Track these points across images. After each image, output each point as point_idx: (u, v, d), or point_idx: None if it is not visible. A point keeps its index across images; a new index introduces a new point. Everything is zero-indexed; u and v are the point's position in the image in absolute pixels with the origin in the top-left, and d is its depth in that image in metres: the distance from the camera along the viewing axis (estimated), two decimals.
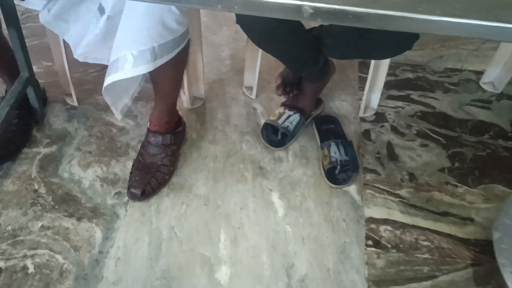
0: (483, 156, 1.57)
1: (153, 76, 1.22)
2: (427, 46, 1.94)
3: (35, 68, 1.56)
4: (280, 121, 1.52)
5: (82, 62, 1.23)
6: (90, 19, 1.13)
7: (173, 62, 1.09)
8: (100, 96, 1.65)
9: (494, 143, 1.61)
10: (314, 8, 0.66)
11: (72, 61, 1.49)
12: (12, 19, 1.25)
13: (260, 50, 1.52)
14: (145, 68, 1.04)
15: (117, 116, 1.26)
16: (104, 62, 1.20)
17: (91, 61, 1.21)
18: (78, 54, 1.19)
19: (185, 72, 1.41)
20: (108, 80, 1.06)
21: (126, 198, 1.38)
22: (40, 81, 1.59)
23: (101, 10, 1.09)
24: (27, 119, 1.51)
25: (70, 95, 1.60)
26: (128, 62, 1.02)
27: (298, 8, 0.66)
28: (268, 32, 1.24)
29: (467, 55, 1.92)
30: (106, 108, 1.61)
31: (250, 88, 1.69)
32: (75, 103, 1.62)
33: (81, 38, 1.17)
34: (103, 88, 1.11)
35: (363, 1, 0.66)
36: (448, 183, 1.49)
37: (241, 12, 0.69)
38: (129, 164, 1.45)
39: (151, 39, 1.02)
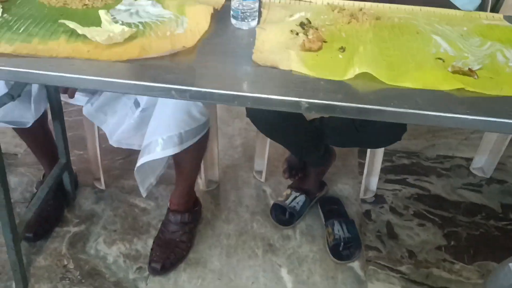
0: (476, 235, 1.69)
1: (177, 159, 1.41)
2: (420, 136, 2.14)
3: None
4: (287, 202, 1.68)
5: (110, 150, 1.43)
6: (126, 111, 1.35)
7: (195, 147, 1.29)
8: (125, 180, 1.85)
9: (486, 223, 1.73)
10: (309, 103, 0.85)
11: (101, 149, 1.71)
12: (58, 112, 1.48)
13: (268, 139, 1.73)
14: (172, 150, 1.23)
15: (142, 193, 1.42)
16: (135, 148, 1.40)
17: (124, 147, 1.42)
18: (114, 140, 1.40)
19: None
20: (141, 160, 1.25)
21: (147, 272, 1.51)
22: (72, 167, 1.78)
23: (137, 104, 1.32)
24: (61, 200, 1.68)
25: (99, 179, 1.79)
26: (158, 146, 1.22)
27: (297, 103, 0.86)
28: (274, 124, 1.45)
29: (457, 144, 2.11)
30: (131, 191, 1.79)
31: (260, 172, 1.87)
32: (103, 187, 1.80)
33: (117, 127, 1.38)
34: (135, 167, 1.30)
35: (347, 98, 0.86)
36: (445, 260, 1.60)
37: (252, 107, 0.89)
38: (150, 242, 1.59)
39: (179, 127, 1.23)
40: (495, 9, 2.85)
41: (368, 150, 1.74)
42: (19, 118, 1.37)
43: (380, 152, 1.73)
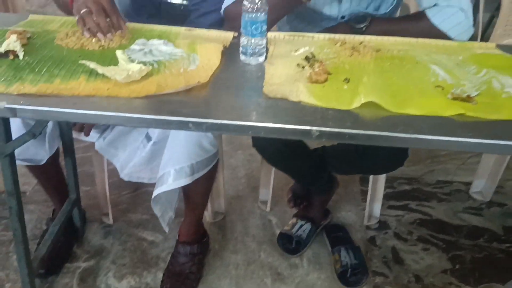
0: (480, 258, 1.72)
1: (187, 190, 1.45)
2: (419, 162, 2.19)
3: None
4: (293, 231, 1.71)
5: (117, 185, 1.46)
6: (137, 145, 1.40)
7: (205, 177, 1.33)
8: (133, 214, 1.87)
9: (489, 246, 1.77)
10: (320, 131, 0.90)
11: (109, 184, 1.74)
12: (70, 149, 1.52)
13: (273, 169, 1.77)
14: (184, 181, 1.27)
15: (164, 228, 1.44)
16: (145, 181, 1.44)
17: (134, 180, 1.45)
18: (125, 174, 1.44)
19: None
20: (156, 192, 1.29)
21: None
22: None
23: (148, 137, 1.37)
24: (71, 236, 1.70)
25: (107, 214, 1.81)
26: (171, 177, 1.26)
27: (308, 132, 0.91)
28: (279, 153, 1.50)
29: (455, 169, 2.16)
30: (138, 225, 1.82)
31: (265, 202, 1.90)
32: (111, 222, 1.82)
33: (128, 161, 1.42)
34: (152, 200, 1.33)
35: (355, 125, 0.91)
36: (451, 283, 1.62)
37: (266, 136, 0.94)
38: (160, 274, 1.61)
39: (190, 158, 1.27)
40: (483, 38, 2.97)
41: (370, 177, 1.78)
42: (34, 156, 1.41)
43: (381, 178, 1.77)
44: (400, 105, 0.94)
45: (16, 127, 1.22)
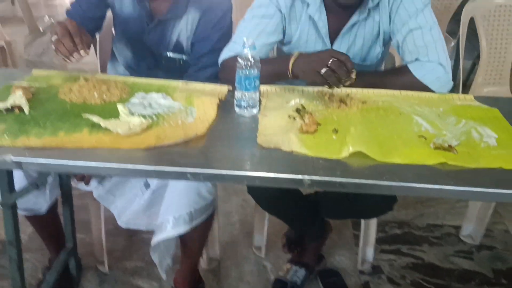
0: None
1: (184, 238, 1.47)
2: (409, 206, 2.23)
3: None
4: (288, 276, 1.73)
5: (112, 232, 1.49)
6: (135, 193, 1.44)
7: (202, 225, 1.36)
8: (128, 261, 1.88)
9: None
10: (311, 180, 0.96)
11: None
12: (68, 198, 1.56)
13: (267, 214, 1.80)
14: (183, 228, 1.30)
15: (162, 275, 1.45)
16: (143, 228, 1.47)
17: (132, 227, 1.48)
18: (122, 221, 1.47)
19: None
20: (155, 240, 1.32)
21: None
22: None
23: (147, 185, 1.41)
24: (66, 285, 1.70)
25: (102, 262, 1.82)
26: (170, 224, 1.29)
27: (300, 181, 0.96)
28: (273, 199, 1.55)
29: (444, 213, 2.21)
30: (133, 273, 1.82)
31: (259, 248, 1.93)
32: (106, 270, 1.83)
33: (126, 208, 1.46)
34: (150, 248, 1.35)
35: (344, 174, 0.96)
36: None
37: (260, 185, 0.99)
38: None
39: (189, 206, 1.31)
40: (466, 85, 3.09)
41: (362, 221, 1.82)
42: (34, 206, 1.44)
43: (373, 223, 1.81)
44: (386, 154, 1.00)
45: (18, 177, 1.26)
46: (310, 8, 1.38)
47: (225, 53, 1.42)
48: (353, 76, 1.18)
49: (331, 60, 1.15)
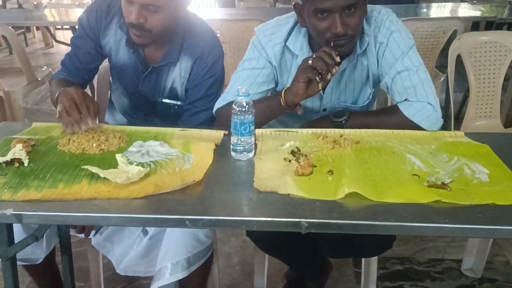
0: None
1: (183, 283, 1.46)
2: (409, 241, 2.23)
3: None
4: None
5: (110, 279, 1.48)
6: (133, 239, 1.44)
7: (201, 269, 1.36)
8: None
9: None
10: (308, 222, 0.97)
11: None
12: (67, 247, 1.55)
13: (267, 256, 1.79)
14: (181, 274, 1.30)
15: None
16: (141, 275, 1.47)
17: (130, 274, 1.48)
18: (120, 268, 1.47)
19: None
20: (153, 287, 1.31)
21: None
22: None
23: (145, 231, 1.42)
24: None
25: None
26: (168, 271, 1.29)
27: (297, 223, 0.97)
28: (272, 240, 1.55)
29: (445, 246, 2.20)
30: None
31: None
32: None
33: (124, 255, 1.46)
34: None
35: (341, 215, 0.98)
36: None
37: (258, 230, 1.00)
38: None
39: (187, 251, 1.31)
40: (458, 117, 3.14)
41: (363, 259, 1.81)
42: (31, 255, 1.43)
43: (374, 260, 1.80)
44: (381, 194, 1.02)
45: (16, 229, 1.26)
46: (298, 58, 1.43)
47: (219, 103, 1.47)
48: (338, 59, 1.25)
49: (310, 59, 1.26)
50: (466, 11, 3.63)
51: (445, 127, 1.41)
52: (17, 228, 1.29)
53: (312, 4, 1.27)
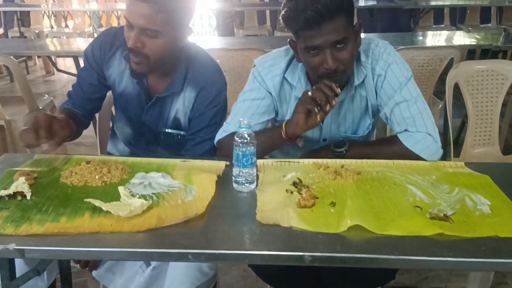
0: None
1: None
2: (412, 270, 2.21)
3: None
4: None
5: None
6: (135, 270, 1.43)
7: None
8: None
9: None
10: (312, 256, 0.97)
11: None
12: (67, 278, 1.54)
13: (268, 286, 1.78)
14: None
15: None
16: None
17: None
18: None
19: None
20: None
21: None
22: None
23: (147, 263, 1.40)
24: None
25: None
26: None
27: (301, 257, 0.97)
28: (274, 271, 1.54)
29: (448, 275, 2.18)
30: None
31: None
32: None
33: (125, 286, 1.44)
34: None
35: (344, 249, 0.98)
36: None
37: (261, 263, 1.00)
38: None
39: (191, 283, 1.30)
40: (457, 143, 3.16)
41: None
42: None
43: None
44: (383, 227, 1.02)
45: (18, 263, 1.26)
46: (296, 90, 1.46)
47: (220, 134, 1.48)
48: (338, 90, 1.27)
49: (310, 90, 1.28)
50: (462, 39, 3.69)
51: (444, 153, 1.42)
52: (18, 260, 1.28)
53: (303, 42, 1.31)
